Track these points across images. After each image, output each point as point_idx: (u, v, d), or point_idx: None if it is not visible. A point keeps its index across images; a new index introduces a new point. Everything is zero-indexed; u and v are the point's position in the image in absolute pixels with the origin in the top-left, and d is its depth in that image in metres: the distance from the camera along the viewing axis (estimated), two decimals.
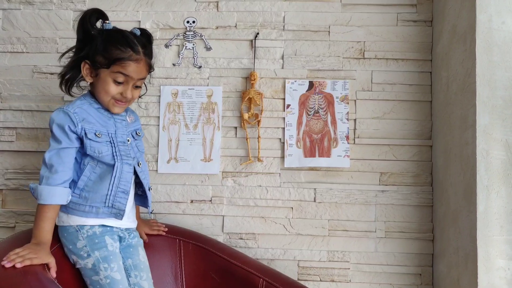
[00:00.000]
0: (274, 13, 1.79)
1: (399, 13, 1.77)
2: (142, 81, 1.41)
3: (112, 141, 1.36)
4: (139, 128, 1.51)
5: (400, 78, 1.75)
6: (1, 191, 1.78)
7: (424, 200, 1.71)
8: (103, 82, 1.34)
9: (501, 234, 1.33)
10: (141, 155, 1.48)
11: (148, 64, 1.40)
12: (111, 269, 1.29)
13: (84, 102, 1.36)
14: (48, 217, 1.26)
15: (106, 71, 1.33)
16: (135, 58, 1.33)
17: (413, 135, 1.74)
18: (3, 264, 1.12)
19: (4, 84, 1.80)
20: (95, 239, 1.32)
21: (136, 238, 1.46)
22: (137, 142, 1.47)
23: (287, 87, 1.76)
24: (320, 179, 1.74)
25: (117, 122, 1.40)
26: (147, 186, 1.46)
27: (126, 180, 1.37)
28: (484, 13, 1.38)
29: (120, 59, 1.31)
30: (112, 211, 1.35)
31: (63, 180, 1.28)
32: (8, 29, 1.82)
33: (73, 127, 1.29)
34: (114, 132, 1.38)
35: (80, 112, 1.32)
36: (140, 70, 1.36)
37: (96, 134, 1.33)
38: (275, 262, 1.72)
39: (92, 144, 1.32)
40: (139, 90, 1.42)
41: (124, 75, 1.33)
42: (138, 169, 1.42)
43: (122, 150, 1.37)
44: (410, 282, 1.70)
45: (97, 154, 1.32)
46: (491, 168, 1.35)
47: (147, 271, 1.43)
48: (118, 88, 1.34)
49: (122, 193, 1.35)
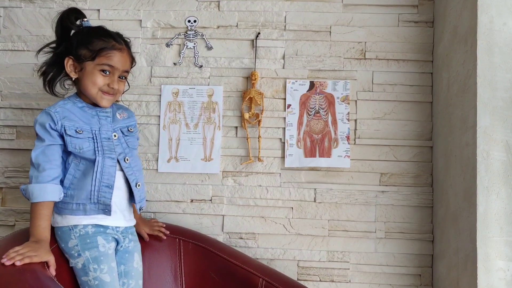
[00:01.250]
0: (276, 13, 1.79)
1: (400, 14, 1.77)
2: (127, 74, 1.43)
3: (94, 138, 1.36)
4: (133, 124, 1.51)
5: (401, 79, 1.75)
6: (1, 189, 1.77)
7: (424, 201, 1.71)
8: (90, 74, 1.36)
9: (501, 235, 1.33)
10: (130, 151, 1.46)
11: (130, 56, 1.44)
12: (101, 270, 1.29)
13: (67, 102, 1.39)
14: (42, 214, 1.26)
15: (91, 64, 1.35)
16: (118, 47, 1.38)
17: (413, 136, 1.74)
18: (3, 262, 1.11)
19: (5, 82, 1.80)
20: (86, 239, 1.31)
21: (133, 242, 1.44)
22: (127, 138, 1.46)
23: (288, 87, 1.76)
24: (321, 179, 1.74)
25: (102, 119, 1.40)
26: (133, 182, 1.42)
27: (110, 174, 1.35)
28: (486, 14, 1.38)
29: (104, 48, 1.35)
30: (99, 207, 1.33)
31: (52, 177, 1.29)
32: (9, 27, 1.82)
33: (53, 125, 1.31)
34: (98, 129, 1.38)
35: (61, 111, 1.34)
36: (124, 60, 1.39)
37: (76, 130, 1.33)
38: (275, 262, 1.72)
39: (73, 140, 1.32)
40: (124, 83, 1.44)
41: (109, 66, 1.36)
42: (124, 165, 1.40)
43: (106, 146, 1.37)
44: (410, 282, 1.70)
45: (78, 150, 1.33)
46: (491, 169, 1.35)
47: (138, 278, 1.42)
48: (105, 80, 1.36)
49: (106, 188, 1.34)
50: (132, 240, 1.44)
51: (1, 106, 1.79)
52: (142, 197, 1.46)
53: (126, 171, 1.41)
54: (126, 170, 1.41)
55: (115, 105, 1.51)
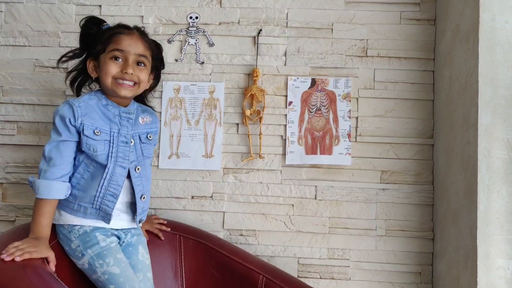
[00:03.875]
0: (277, 9, 1.79)
1: (403, 12, 1.76)
2: (145, 59, 1.38)
3: (111, 141, 1.33)
4: (154, 131, 1.48)
5: (403, 77, 1.75)
6: (2, 184, 1.78)
7: (425, 198, 1.71)
8: (103, 65, 1.34)
9: (501, 234, 1.33)
10: (144, 159, 1.42)
11: (144, 41, 1.40)
12: (107, 264, 1.27)
13: (93, 97, 1.36)
14: (45, 211, 1.25)
15: (104, 55, 1.35)
16: (126, 32, 1.36)
17: (414, 133, 1.74)
18: (2, 258, 1.11)
19: (6, 78, 1.79)
20: (86, 238, 1.30)
21: (136, 236, 1.42)
22: (144, 146, 1.43)
23: (289, 84, 1.76)
24: (321, 176, 1.74)
25: (123, 120, 1.37)
26: (139, 194, 1.38)
27: (117, 184, 1.33)
28: (488, 12, 1.38)
29: (112, 35, 1.34)
30: (100, 214, 1.31)
31: (61, 174, 1.27)
32: (10, 23, 1.82)
33: (73, 120, 1.29)
34: (118, 131, 1.35)
35: (84, 106, 1.32)
36: (134, 44, 1.36)
37: (95, 131, 1.31)
38: (275, 259, 1.72)
39: (88, 141, 1.30)
40: (145, 70, 1.39)
41: (119, 50, 1.33)
42: (133, 174, 1.37)
43: (121, 152, 1.34)
44: (410, 280, 1.70)
45: (92, 152, 1.30)
46: (492, 167, 1.35)
47: (146, 270, 1.39)
48: (117, 66, 1.34)
49: (111, 196, 1.32)
50: (135, 235, 1.43)
51: (2, 102, 1.78)
52: (144, 209, 1.42)
53: (134, 181, 1.37)
54: (135, 180, 1.37)
55: (140, 107, 1.48)
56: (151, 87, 1.51)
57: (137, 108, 1.44)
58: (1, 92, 1.79)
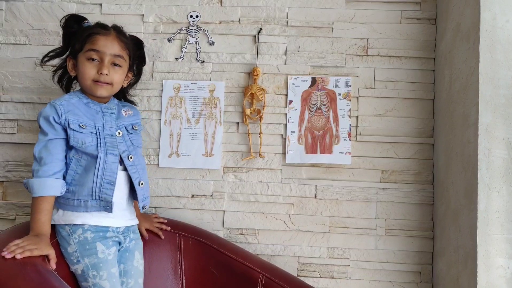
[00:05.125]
0: (278, 8, 1.79)
1: (403, 11, 1.76)
2: (121, 60, 1.40)
3: (98, 134, 1.35)
4: (137, 122, 1.51)
5: (403, 76, 1.75)
6: (2, 183, 1.78)
7: (425, 198, 1.71)
8: (80, 65, 1.37)
9: (501, 233, 1.33)
10: (134, 148, 1.46)
11: (121, 41, 1.40)
12: (100, 277, 1.28)
13: (73, 96, 1.39)
14: (42, 209, 1.26)
15: (81, 54, 1.36)
16: (103, 32, 1.37)
17: (415, 133, 1.73)
18: (3, 255, 1.11)
19: (6, 76, 1.79)
20: (86, 245, 1.30)
21: (134, 241, 1.44)
22: (132, 136, 1.46)
23: (289, 83, 1.76)
24: (321, 175, 1.74)
25: (106, 116, 1.40)
26: (136, 180, 1.41)
27: (112, 171, 1.34)
28: (488, 11, 1.38)
29: (88, 35, 1.36)
30: (101, 204, 1.32)
31: (54, 172, 1.28)
32: (10, 21, 1.82)
33: (57, 118, 1.31)
34: (102, 125, 1.38)
35: (66, 104, 1.34)
36: (110, 44, 1.37)
37: (80, 125, 1.33)
38: (275, 258, 1.72)
39: (76, 134, 1.32)
40: (120, 71, 1.41)
41: (94, 51, 1.35)
42: (127, 163, 1.40)
43: (109, 142, 1.37)
44: (410, 280, 1.70)
45: (80, 144, 1.32)
46: (493, 166, 1.34)
47: (138, 276, 1.42)
48: (94, 67, 1.36)
49: (108, 184, 1.33)
50: (133, 239, 1.44)
51: (2, 100, 1.78)
52: (145, 195, 1.45)
53: (129, 169, 1.40)
54: (130, 168, 1.40)
55: (120, 102, 1.51)
56: (130, 84, 1.55)
57: (117, 104, 1.48)
58: (1, 91, 1.79)
